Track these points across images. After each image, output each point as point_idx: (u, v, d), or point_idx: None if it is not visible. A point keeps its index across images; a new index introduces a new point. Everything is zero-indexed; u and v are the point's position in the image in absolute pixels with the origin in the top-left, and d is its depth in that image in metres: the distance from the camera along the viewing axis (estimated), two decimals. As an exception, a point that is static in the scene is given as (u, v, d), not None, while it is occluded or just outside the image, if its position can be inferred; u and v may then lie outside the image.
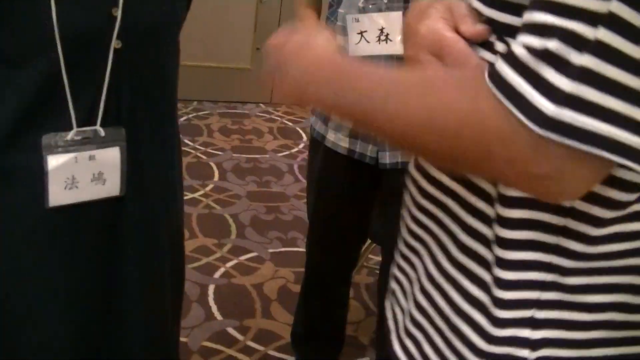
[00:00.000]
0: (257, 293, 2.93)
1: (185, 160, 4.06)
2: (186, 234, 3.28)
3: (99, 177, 1.42)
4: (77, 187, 1.40)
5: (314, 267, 2.24)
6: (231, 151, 4.30)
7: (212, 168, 4.05)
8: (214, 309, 2.80)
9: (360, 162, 1.86)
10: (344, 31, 1.72)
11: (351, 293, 2.48)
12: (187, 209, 3.44)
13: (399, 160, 1.79)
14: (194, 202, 3.63)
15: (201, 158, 4.17)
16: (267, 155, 4.26)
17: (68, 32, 1.29)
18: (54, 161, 1.36)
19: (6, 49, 1.31)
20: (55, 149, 1.36)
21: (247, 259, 3.17)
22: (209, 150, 4.29)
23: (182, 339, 2.38)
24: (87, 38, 1.33)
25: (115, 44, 1.35)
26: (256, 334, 2.68)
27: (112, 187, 1.43)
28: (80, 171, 1.39)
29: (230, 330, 2.69)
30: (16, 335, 1.45)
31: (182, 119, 4.71)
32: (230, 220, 3.49)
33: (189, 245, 3.18)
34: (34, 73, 1.32)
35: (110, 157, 1.42)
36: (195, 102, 5.02)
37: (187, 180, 3.82)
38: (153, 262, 1.55)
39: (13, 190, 1.39)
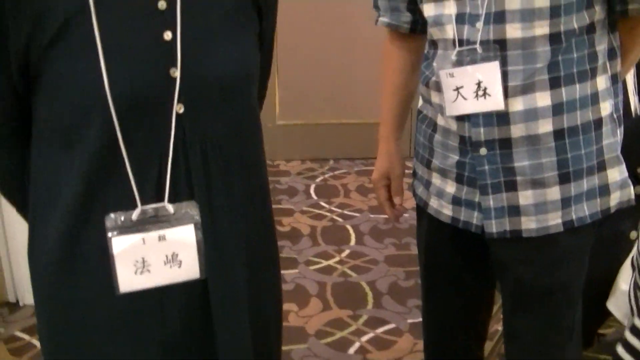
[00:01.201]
0: (395, 370, 2.72)
1: (320, 224, 3.92)
2: (320, 305, 3.14)
3: (173, 259, 1.27)
4: (149, 270, 1.25)
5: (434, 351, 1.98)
6: (368, 212, 4.11)
7: (348, 232, 3.87)
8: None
9: (467, 232, 1.64)
10: (439, 87, 1.56)
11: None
12: (321, 277, 3.31)
13: (507, 229, 1.56)
14: (329, 269, 3.46)
15: (337, 221, 3.99)
16: (407, 215, 4.02)
17: (121, 98, 1.17)
18: (119, 243, 1.23)
19: (59, 122, 1.22)
20: (120, 230, 1.22)
21: (384, 332, 2.95)
22: (345, 212, 4.12)
23: None
24: (144, 103, 1.20)
25: (177, 108, 1.21)
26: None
27: (190, 269, 1.27)
28: (151, 253, 1.25)
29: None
30: None
31: (317, 180, 4.62)
32: (367, 289, 3.28)
33: (323, 318, 3.04)
34: (91, 149, 1.21)
35: (184, 236, 1.26)
36: (331, 161, 4.93)
37: (322, 246, 3.68)
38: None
39: (85, 277, 1.28)
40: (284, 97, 4.79)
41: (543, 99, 1.46)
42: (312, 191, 4.42)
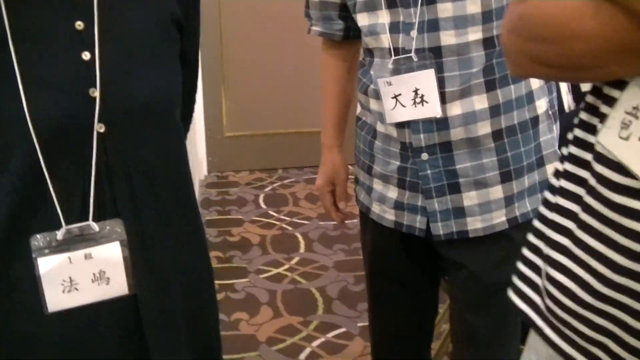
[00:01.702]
0: (346, 374, 2.74)
1: (270, 233, 3.94)
2: (270, 313, 3.16)
3: (100, 277, 1.28)
4: (76, 289, 1.27)
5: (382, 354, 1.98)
6: (317, 219, 4.14)
7: (297, 239, 3.90)
8: (299, 396, 2.60)
9: (411, 235, 1.65)
10: (378, 95, 1.57)
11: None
12: (271, 285, 3.32)
13: (454, 230, 1.59)
14: (279, 277, 3.48)
15: (286, 229, 4.02)
16: (356, 220, 4.04)
17: (43, 124, 1.19)
18: (45, 264, 1.24)
19: None
20: (45, 251, 1.23)
21: (334, 336, 2.98)
22: (295, 220, 4.15)
23: None
24: (66, 126, 1.21)
25: (97, 127, 1.22)
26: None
27: (118, 286, 1.29)
28: (78, 272, 1.26)
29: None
30: None
31: (266, 189, 4.63)
32: (317, 294, 3.31)
33: (274, 326, 3.06)
34: (14, 176, 1.22)
35: (110, 254, 1.27)
36: (280, 170, 4.94)
37: (272, 255, 3.70)
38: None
39: (16, 301, 1.29)
40: (231, 109, 4.81)
41: (480, 102, 1.49)
42: (261, 201, 4.43)
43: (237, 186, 4.67)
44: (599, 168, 0.85)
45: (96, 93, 1.20)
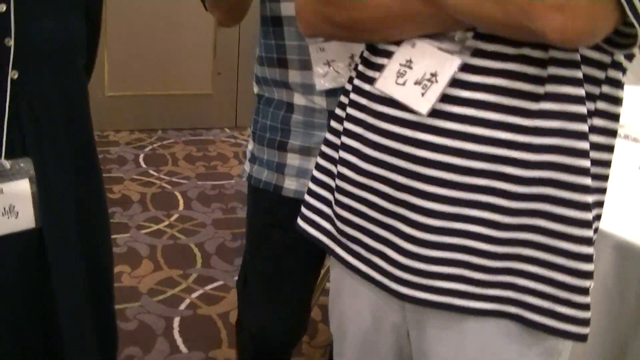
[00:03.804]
0: (223, 322, 2.86)
1: (150, 191, 4.03)
2: (151, 266, 3.25)
3: (10, 211, 1.39)
4: None
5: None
6: (196, 179, 4.25)
7: (177, 197, 3.99)
8: (179, 341, 2.72)
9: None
10: (303, 64, 1.56)
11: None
12: (151, 240, 3.42)
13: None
14: (159, 233, 3.57)
15: (166, 188, 4.11)
16: (233, 181, 4.20)
17: None
18: None
19: None
20: None
21: (212, 289, 3.10)
22: (174, 179, 4.24)
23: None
24: None
25: (12, 74, 1.33)
26: (222, 365, 2.62)
27: (26, 219, 1.41)
28: None
29: (196, 363, 2.63)
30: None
31: (146, 149, 4.69)
32: (196, 250, 3.42)
33: (154, 278, 3.15)
34: None
35: (20, 190, 1.39)
36: (159, 131, 5.00)
37: (152, 212, 3.78)
38: (72, 295, 1.50)
39: None
40: (112, 69, 4.82)
41: None
42: (141, 160, 4.49)
43: (117, 145, 4.71)
44: (376, 106, 1.05)
45: (11, 42, 1.31)
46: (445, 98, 0.98)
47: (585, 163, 0.96)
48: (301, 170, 1.63)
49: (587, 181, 0.97)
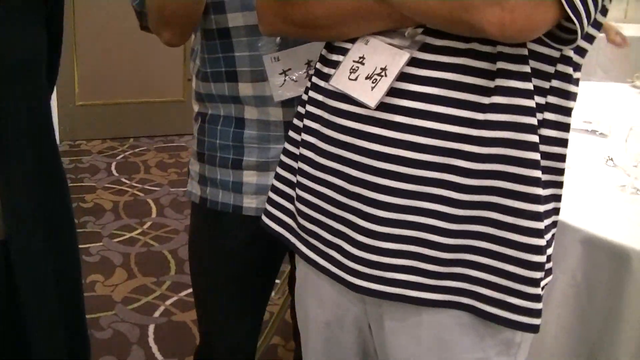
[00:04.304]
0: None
1: (122, 199, 4.02)
2: (124, 274, 3.24)
3: None
4: None
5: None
6: (168, 186, 4.25)
7: (149, 205, 4.00)
8: (155, 349, 2.72)
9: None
10: (257, 76, 1.49)
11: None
12: (124, 248, 3.41)
13: None
14: (132, 241, 3.57)
15: (138, 196, 4.11)
16: (206, 186, 4.20)
17: None
18: None
19: None
20: None
21: (187, 295, 3.10)
22: (146, 187, 4.24)
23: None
24: None
25: None
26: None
27: None
28: None
29: (171, 370, 2.62)
30: None
31: (118, 157, 4.68)
32: (170, 257, 3.43)
33: (128, 286, 3.14)
34: None
35: None
36: (131, 139, 5.00)
37: (125, 220, 3.78)
38: (41, 307, 1.50)
39: None
40: (82, 78, 4.81)
41: None
42: (113, 168, 4.48)
43: (89, 154, 4.70)
44: (332, 102, 1.08)
45: None
46: (395, 92, 1.00)
47: (535, 156, 0.98)
48: (260, 187, 1.55)
49: (537, 174, 0.99)
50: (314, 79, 1.15)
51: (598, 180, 1.89)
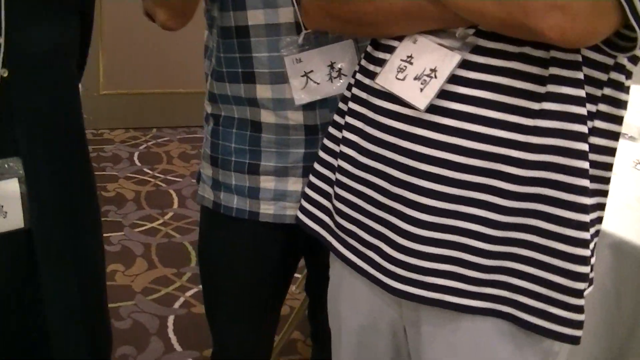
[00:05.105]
0: (218, 321, 2.85)
1: (144, 190, 4.02)
2: (145, 264, 3.25)
3: None
4: None
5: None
6: (190, 177, 4.24)
7: (171, 196, 3.99)
8: (173, 340, 2.72)
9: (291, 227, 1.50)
10: (276, 78, 1.42)
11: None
12: (145, 239, 3.41)
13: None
14: (153, 231, 3.57)
15: (160, 186, 4.11)
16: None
17: None
18: None
19: None
20: None
21: (207, 287, 3.08)
22: (168, 177, 4.23)
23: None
24: None
25: (1, 72, 1.31)
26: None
27: (14, 220, 1.39)
28: None
29: (190, 363, 2.63)
30: None
31: (141, 147, 4.68)
32: (190, 248, 3.42)
33: (148, 277, 3.15)
34: None
35: (9, 190, 1.38)
36: (154, 130, 4.99)
37: (146, 210, 3.78)
38: (63, 296, 1.50)
39: None
40: (107, 68, 4.81)
41: None
42: (135, 158, 4.48)
43: (112, 144, 4.70)
44: (376, 101, 1.06)
45: (1, 40, 1.30)
46: (444, 94, 0.98)
47: (584, 165, 0.96)
48: (278, 193, 1.49)
49: (585, 183, 0.96)
50: (358, 76, 1.13)
51: (627, 184, 1.86)
